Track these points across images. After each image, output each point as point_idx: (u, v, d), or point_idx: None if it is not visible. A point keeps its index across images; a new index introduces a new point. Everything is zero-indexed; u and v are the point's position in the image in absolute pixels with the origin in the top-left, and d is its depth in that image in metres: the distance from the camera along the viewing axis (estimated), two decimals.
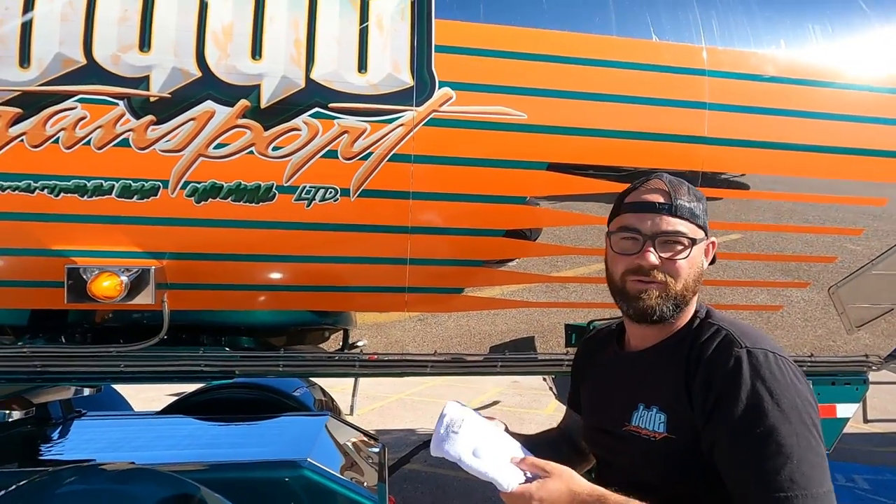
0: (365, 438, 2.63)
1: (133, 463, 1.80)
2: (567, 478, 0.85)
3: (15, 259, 1.57)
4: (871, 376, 3.56)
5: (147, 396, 4.83)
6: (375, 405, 6.85)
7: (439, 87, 1.58)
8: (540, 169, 1.66)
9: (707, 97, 1.71)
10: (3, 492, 1.54)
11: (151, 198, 1.53)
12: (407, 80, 1.57)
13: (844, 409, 2.24)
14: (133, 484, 1.67)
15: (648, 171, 1.72)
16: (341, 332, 2.02)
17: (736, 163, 1.77)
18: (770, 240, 1.88)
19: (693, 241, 0.93)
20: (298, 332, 2.05)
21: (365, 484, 2.07)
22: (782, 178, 1.80)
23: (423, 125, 1.58)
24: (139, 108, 1.47)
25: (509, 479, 0.86)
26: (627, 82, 1.67)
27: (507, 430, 1.07)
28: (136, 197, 1.52)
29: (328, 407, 3.44)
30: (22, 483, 1.62)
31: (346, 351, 1.99)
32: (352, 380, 5.87)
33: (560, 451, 1.12)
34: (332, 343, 2.05)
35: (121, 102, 1.46)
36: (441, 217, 1.68)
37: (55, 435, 2.51)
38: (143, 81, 1.47)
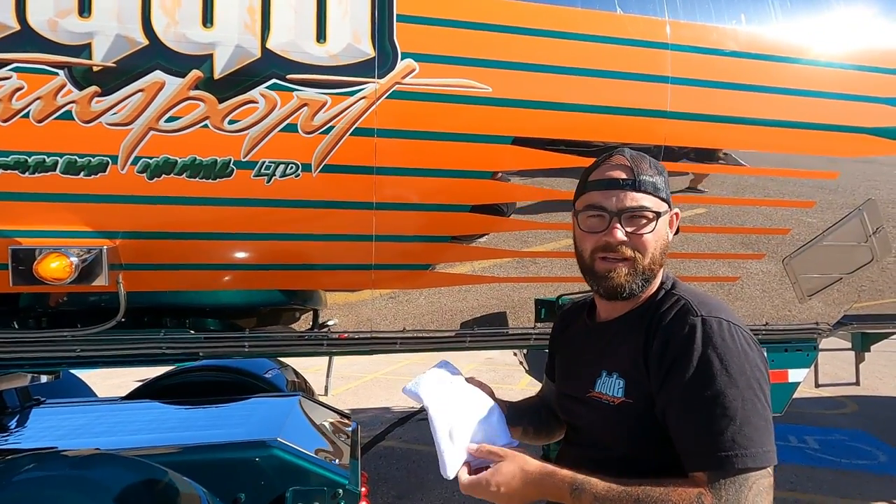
0: (339, 417, 2.64)
1: (97, 449, 1.76)
2: (519, 460, 0.88)
3: None
4: (822, 343, 3.75)
5: (113, 383, 4.71)
6: (350, 385, 6.87)
7: (402, 59, 1.54)
8: (505, 143, 1.65)
9: (670, 71, 1.72)
10: None
11: (100, 174, 1.45)
12: (368, 50, 1.52)
13: (796, 374, 2.35)
14: (96, 469, 1.63)
15: (612, 145, 1.74)
16: (311, 312, 2.00)
17: (697, 137, 1.79)
18: (730, 213, 1.93)
19: (658, 215, 0.94)
20: (267, 313, 2.02)
21: (337, 462, 2.08)
22: (742, 152, 1.84)
23: (386, 98, 1.54)
24: (81, 78, 1.38)
25: (454, 466, 0.89)
26: (591, 55, 1.66)
27: (492, 395, 1.09)
28: (82, 173, 1.44)
29: (301, 388, 3.42)
30: None
31: (315, 331, 1.97)
32: (325, 361, 5.85)
33: (540, 417, 1.17)
34: (303, 323, 2.02)
35: (61, 72, 1.37)
36: (406, 192, 1.65)
37: (12, 424, 2.43)
38: (85, 49, 1.38)
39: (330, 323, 2.00)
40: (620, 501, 0.80)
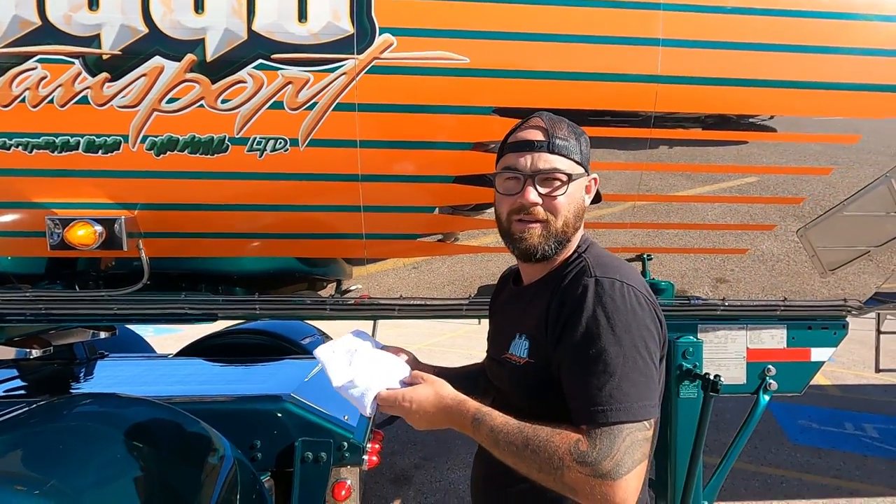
0: None
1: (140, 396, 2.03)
2: (437, 385, 0.95)
3: (3, 211, 1.73)
4: (885, 325, 3.45)
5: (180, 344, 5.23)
6: None
7: (380, 34, 1.58)
8: (486, 114, 1.66)
9: (661, 33, 1.64)
10: (34, 406, 1.79)
11: (115, 152, 1.63)
12: (347, 27, 1.58)
13: (819, 353, 2.22)
14: (134, 410, 1.88)
15: (597, 112, 1.70)
16: (335, 281, 2.14)
17: (692, 102, 1.71)
18: (736, 182, 1.84)
19: (570, 177, 0.95)
20: (288, 280, 2.17)
21: (347, 418, 2.24)
22: (745, 116, 1.73)
23: (365, 73, 1.60)
24: (93, 65, 1.55)
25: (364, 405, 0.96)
26: (575, 20, 1.62)
27: (415, 360, 1.16)
28: (100, 151, 1.63)
29: None
30: (48, 401, 1.88)
31: (317, 296, 2.11)
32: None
33: (477, 384, 1.21)
34: (329, 290, 2.18)
35: (76, 61, 1.55)
36: (389, 164, 1.72)
37: (79, 373, 2.82)
38: (95, 40, 1.54)
39: (353, 289, 2.14)
40: (511, 436, 0.86)
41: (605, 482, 0.80)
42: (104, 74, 1.56)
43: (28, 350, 2.38)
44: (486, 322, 1.24)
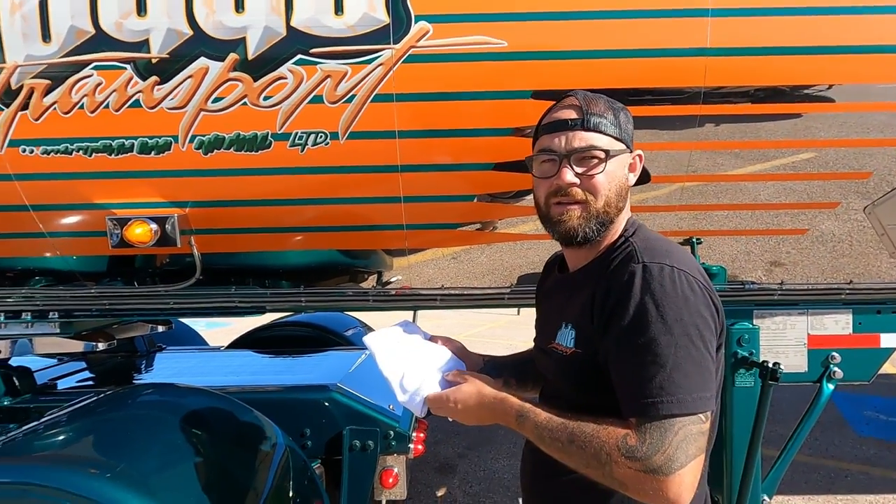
0: None
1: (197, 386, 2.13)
2: (479, 384, 0.95)
3: (68, 213, 1.83)
4: None
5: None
6: None
7: (415, 22, 1.57)
8: (524, 98, 1.63)
9: (710, 2, 1.55)
10: (101, 395, 1.92)
11: (166, 152, 1.70)
12: (383, 17, 1.58)
13: (889, 339, 2.07)
14: (192, 399, 1.98)
15: (642, 90, 1.64)
16: (376, 273, 2.17)
17: (745, 75, 1.62)
18: (791, 158, 1.73)
19: (608, 154, 0.91)
20: (334, 273, 2.22)
21: (392, 407, 2.28)
22: (801, 87, 1.62)
23: (402, 63, 1.59)
24: (144, 69, 1.62)
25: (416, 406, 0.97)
26: None
27: (463, 350, 1.16)
28: (153, 152, 1.70)
29: None
30: (113, 390, 2.01)
31: (360, 287, 2.14)
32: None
33: (525, 370, 1.19)
34: (370, 282, 2.21)
35: (128, 66, 1.61)
36: (428, 154, 1.71)
37: (141, 365, 2.99)
38: (144, 45, 1.60)
39: (393, 280, 2.17)
40: (556, 432, 0.84)
41: (657, 477, 0.77)
42: (154, 78, 1.62)
43: (94, 343, 2.54)
44: (525, 311, 1.22)
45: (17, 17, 1.57)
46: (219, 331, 4.63)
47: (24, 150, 1.69)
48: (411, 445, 2.15)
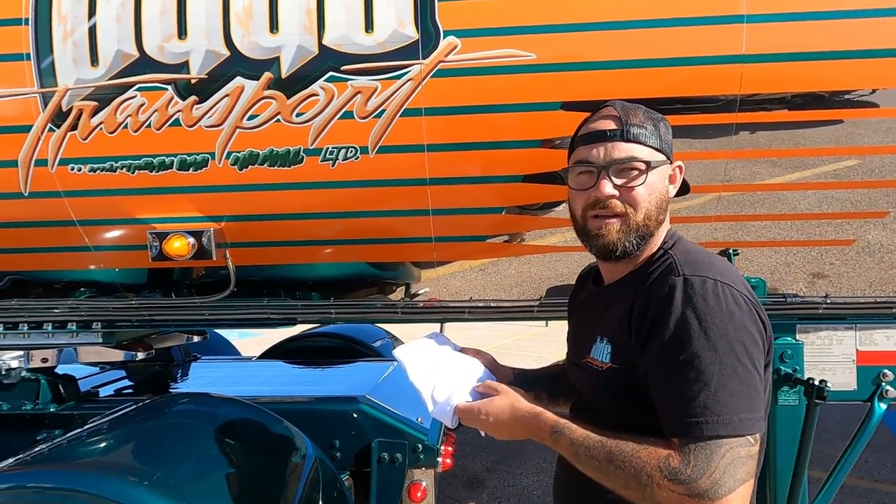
0: None
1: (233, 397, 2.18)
2: (512, 397, 0.92)
3: (111, 227, 1.91)
4: None
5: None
6: None
7: (444, 37, 1.59)
8: (553, 109, 1.62)
9: (745, 9, 1.52)
10: (140, 404, 1.98)
11: (203, 169, 1.76)
12: (412, 33, 1.60)
13: None
14: (226, 409, 2.02)
15: (675, 99, 1.61)
16: (404, 285, 2.19)
17: (782, 81, 1.57)
18: (832, 166, 1.67)
19: (648, 165, 0.89)
20: (361, 284, 2.25)
21: (420, 420, 2.27)
22: (841, 92, 1.57)
23: (431, 77, 1.61)
24: (184, 90, 1.68)
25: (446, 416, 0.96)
26: (646, 3, 1.54)
27: (494, 362, 1.15)
28: (191, 169, 1.76)
29: None
30: (151, 399, 2.07)
31: (388, 299, 2.15)
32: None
33: (556, 383, 1.17)
34: (398, 294, 2.23)
35: (169, 87, 1.68)
36: (457, 167, 1.72)
37: (177, 374, 3.07)
38: (185, 66, 1.67)
39: (421, 292, 2.18)
40: (593, 450, 0.81)
41: (702, 502, 0.73)
42: (193, 97, 1.68)
43: (134, 353, 2.63)
44: (553, 323, 1.20)
45: (68, 43, 1.67)
46: (250, 340, 4.73)
47: (72, 169, 1.78)
48: (440, 459, 2.13)
